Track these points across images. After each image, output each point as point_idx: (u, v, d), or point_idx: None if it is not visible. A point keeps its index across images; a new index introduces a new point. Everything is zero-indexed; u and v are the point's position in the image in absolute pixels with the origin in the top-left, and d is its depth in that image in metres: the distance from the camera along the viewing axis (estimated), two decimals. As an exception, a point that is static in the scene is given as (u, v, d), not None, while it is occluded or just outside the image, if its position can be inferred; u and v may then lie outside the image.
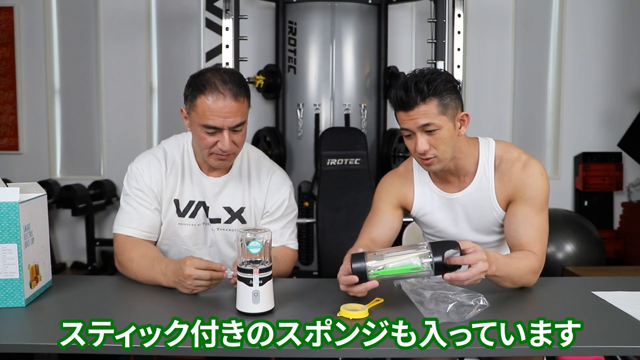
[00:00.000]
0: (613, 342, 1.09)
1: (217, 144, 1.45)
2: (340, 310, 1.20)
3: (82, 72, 4.20)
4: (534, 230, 1.43)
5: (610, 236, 4.08)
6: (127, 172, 1.59)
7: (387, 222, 1.58)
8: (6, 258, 1.23)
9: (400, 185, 1.60)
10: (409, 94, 1.37)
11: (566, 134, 4.21)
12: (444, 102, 1.38)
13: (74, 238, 4.24)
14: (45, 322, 1.22)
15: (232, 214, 1.60)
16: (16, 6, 4.12)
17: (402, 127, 1.43)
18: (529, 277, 1.38)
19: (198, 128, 1.45)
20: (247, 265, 1.19)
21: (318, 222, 3.12)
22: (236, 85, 1.43)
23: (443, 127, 1.39)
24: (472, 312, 1.19)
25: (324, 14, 3.50)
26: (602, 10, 4.15)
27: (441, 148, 1.41)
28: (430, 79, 1.37)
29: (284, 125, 3.62)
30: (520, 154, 1.51)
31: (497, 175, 1.50)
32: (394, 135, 3.64)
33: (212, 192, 1.58)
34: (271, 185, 1.63)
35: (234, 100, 1.42)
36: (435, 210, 1.58)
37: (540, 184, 1.45)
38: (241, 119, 1.45)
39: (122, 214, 1.56)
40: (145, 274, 1.44)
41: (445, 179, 1.55)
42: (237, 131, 1.46)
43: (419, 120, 1.38)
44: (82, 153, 4.28)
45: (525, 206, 1.45)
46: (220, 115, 1.41)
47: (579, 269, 3.20)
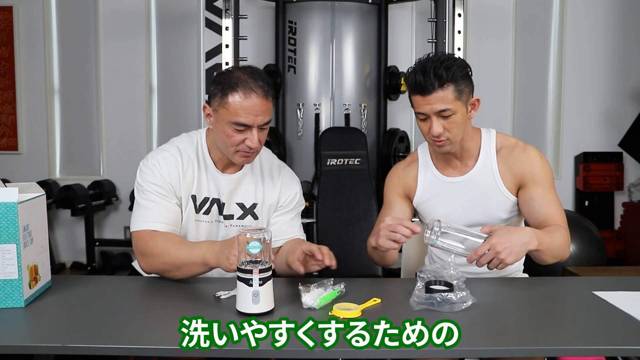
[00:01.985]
0: (614, 343, 1.09)
1: (245, 142, 1.46)
2: (332, 309, 1.20)
3: (81, 72, 4.20)
4: (554, 206, 1.51)
5: (611, 236, 4.08)
6: (140, 169, 1.54)
7: (398, 213, 1.64)
8: (5, 258, 1.23)
9: (404, 174, 1.67)
10: (427, 78, 1.40)
11: (567, 133, 4.21)
12: (460, 87, 1.44)
13: (74, 238, 4.24)
14: (44, 322, 1.21)
15: (244, 210, 1.61)
16: (15, 6, 4.12)
17: (417, 111, 1.47)
18: (564, 248, 1.45)
19: (226, 125, 1.45)
20: (247, 266, 1.18)
21: (318, 222, 3.12)
22: (266, 84, 1.46)
23: (458, 112, 1.45)
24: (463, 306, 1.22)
25: (324, 13, 3.50)
26: (603, 10, 4.15)
27: (454, 131, 1.46)
28: (448, 64, 1.41)
29: (284, 125, 3.62)
30: (517, 141, 1.59)
31: (500, 159, 1.56)
32: (394, 135, 3.63)
33: (228, 188, 1.59)
34: (284, 180, 1.66)
35: (264, 99, 1.44)
36: (436, 196, 1.61)
37: (544, 165, 1.54)
38: (269, 117, 1.48)
39: (142, 211, 1.50)
40: (184, 254, 1.39)
41: (449, 163, 1.60)
42: (264, 129, 1.49)
43: (435, 106, 1.43)
44: (81, 153, 4.27)
45: (537, 187, 1.51)
46: (251, 113, 1.43)
47: (580, 269, 3.19)
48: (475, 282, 1.40)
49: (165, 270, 1.46)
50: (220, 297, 1.31)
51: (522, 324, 1.21)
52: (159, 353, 1.06)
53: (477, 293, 1.26)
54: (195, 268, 1.40)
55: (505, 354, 1.08)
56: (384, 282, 1.50)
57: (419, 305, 1.23)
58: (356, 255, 2.92)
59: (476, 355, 1.19)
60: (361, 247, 1.66)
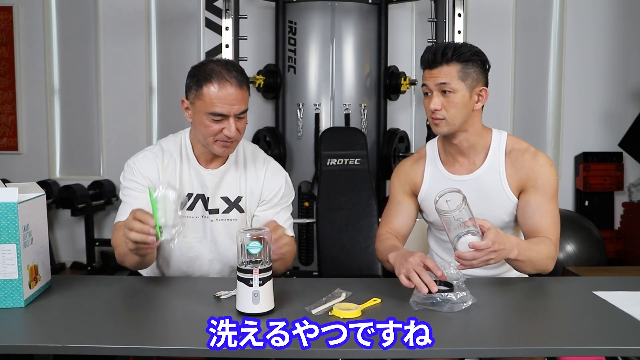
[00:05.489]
0: (614, 343, 1.08)
1: (223, 131, 1.49)
2: (332, 309, 1.20)
3: (81, 72, 4.20)
4: (549, 217, 1.49)
5: (611, 236, 4.08)
6: (123, 170, 1.60)
7: (405, 211, 1.65)
8: (5, 258, 1.23)
9: (410, 170, 1.67)
10: (437, 54, 1.47)
11: (567, 133, 4.21)
12: (466, 70, 1.48)
13: (74, 238, 4.24)
14: (44, 322, 1.21)
15: (229, 204, 1.62)
16: (15, 6, 4.12)
17: (423, 84, 1.52)
18: (547, 262, 1.44)
19: (204, 117, 1.48)
20: (246, 266, 1.18)
21: (318, 222, 3.12)
22: (240, 74, 1.50)
23: (458, 92, 1.47)
24: (463, 306, 1.21)
25: (324, 13, 3.49)
26: (603, 10, 4.15)
27: (452, 111, 1.48)
28: (459, 47, 1.48)
29: (284, 125, 3.61)
30: (528, 146, 1.58)
31: (509, 161, 1.55)
32: (394, 135, 3.63)
33: (212, 183, 1.61)
34: (267, 173, 1.66)
35: (239, 88, 1.48)
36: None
37: (551, 174, 1.52)
38: (245, 106, 1.51)
39: (121, 207, 1.55)
40: (119, 243, 1.42)
41: (455, 159, 1.59)
42: (241, 118, 1.51)
43: (437, 79, 1.47)
44: (81, 153, 4.27)
45: (537, 195, 1.50)
46: (227, 103, 1.46)
47: (580, 269, 3.19)
48: (475, 282, 1.40)
49: (121, 261, 1.48)
50: (220, 297, 1.31)
51: (522, 324, 1.21)
52: (158, 353, 1.06)
53: (477, 293, 1.26)
54: (129, 257, 1.41)
55: (505, 354, 1.09)
56: (384, 282, 1.50)
57: (418, 305, 1.23)
58: (356, 255, 2.93)
59: (476, 355, 1.19)
60: (361, 247, 1.67)
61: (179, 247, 1.59)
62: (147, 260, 1.47)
